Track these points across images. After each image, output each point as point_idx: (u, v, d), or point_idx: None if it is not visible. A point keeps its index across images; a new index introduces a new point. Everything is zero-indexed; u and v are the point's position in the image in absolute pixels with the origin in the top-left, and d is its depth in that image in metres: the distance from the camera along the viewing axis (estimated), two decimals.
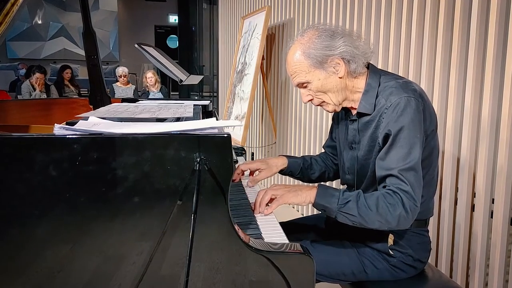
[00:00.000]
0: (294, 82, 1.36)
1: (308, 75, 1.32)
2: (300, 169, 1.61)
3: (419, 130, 1.23)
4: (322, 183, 1.39)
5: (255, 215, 1.34)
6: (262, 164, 1.57)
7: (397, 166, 1.21)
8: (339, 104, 1.37)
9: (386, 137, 1.25)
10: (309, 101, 1.38)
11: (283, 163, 1.60)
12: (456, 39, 1.90)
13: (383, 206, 1.19)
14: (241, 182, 1.66)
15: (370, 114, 1.33)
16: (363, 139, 1.36)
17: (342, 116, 1.49)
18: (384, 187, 1.24)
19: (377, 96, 1.32)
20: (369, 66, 1.37)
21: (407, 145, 1.22)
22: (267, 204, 1.36)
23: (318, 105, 1.39)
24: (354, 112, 1.40)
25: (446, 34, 1.97)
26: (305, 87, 1.35)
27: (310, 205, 1.34)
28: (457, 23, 1.90)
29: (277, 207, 1.34)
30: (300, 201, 1.31)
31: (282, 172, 1.61)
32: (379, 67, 2.40)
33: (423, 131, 1.25)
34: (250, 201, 1.44)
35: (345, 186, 1.55)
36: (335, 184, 2.95)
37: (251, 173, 1.64)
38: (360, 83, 1.35)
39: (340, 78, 1.32)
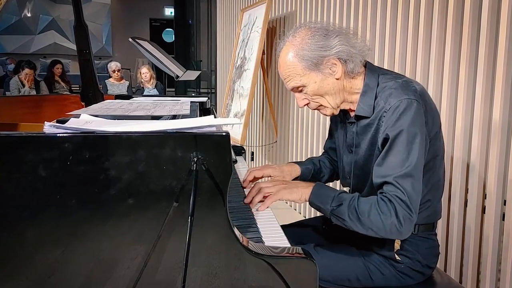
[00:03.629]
0: (288, 86, 1.35)
1: (303, 78, 1.30)
2: (311, 175, 1.62)
3: (419, 134, 1.22)
4: (319, 182, 1.40)
5: (255, 216, 1.34)
6: (275, 171, 1.55)
7: (394, 172, 1.21)
8: (337, 107, 1.36)
9: (385, 141, 1.25)
10: (305, 105, 1.37)
11: (296, 172, 1.59)
12: (466, 37, 1.90)
13: (375, 214, 1.20)
14: (240, 182, 1.65)
15: (369, 117, 1.32)
16: (363, 142, 1.35)
17: (340, 118, 1.48)
18: (382, 193, 1.24)
19: (375, 98, 1.31)
20: (366, 65, 1.36)
21: (405, 150, 1.21)
22: (261, 200, 1.39)
23: (315, 109, 1.38)
24: (352, 114, 1.39)
25: (455, 31, 1.97)
26: (301, 91, 1.34)
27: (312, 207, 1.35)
28: (466, 20, 1.90)
29: (271, 203, 1.36)
30: (295, 198, 1.34)
31: (294, 180, 1.61)
32: (385, 65, 2.40)
33: (424, 134, 1.24)
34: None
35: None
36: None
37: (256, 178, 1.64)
38: (358, 83, 1.34)
39: (337, 79, 1.30)
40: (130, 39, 4.92)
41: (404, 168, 1.20)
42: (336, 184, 2.95)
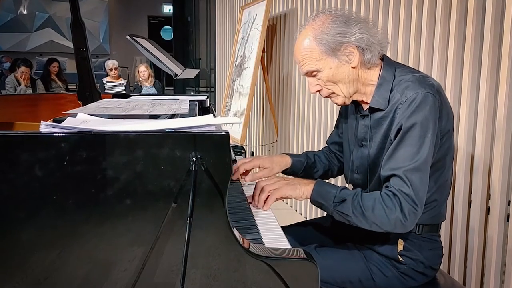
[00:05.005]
0: (302, 70, 1.35)
1: (318, 62, 1.31)
2: (303, 168, 1.62)
3: (432, 128, 1.23)
4: (319, 179, 1.40)
5: (255, 218, 1.34)
6: (265, 162, 1.56)
7: (403, 165, 1.22)
8: (350, 97, 1.37)
9: (398, 132, 1.26)
10: (317, 91, 1.38)
11: (286, 163, 1.60)
12: (470, 30, 1.90)
13: (380, 208, 1.22)
14: (240, 182, 1.65)
15: (383, 110, 1.33)
16: (376, 136, 1.36)
17: (351, 110, 1.48)
18: (387, 187, 1.24)
19: (391, 90, 1.31)
20: (383, 58, 1.37)
21: (417, 143, 1.22)
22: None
23: (326, 97, 1.39)
24: (365, 107, 1.40)
25: (459, 25, 1.97)
26: (314, 75, 1.35)
27: (313, 208, 1.35)
28: (471, 13, 1.90)
29: (274, 201, 1.38)
30: (297, 195, 1.35)
31: (284, 172, 1.61)
32: None
33: (437, 130, 1.25)
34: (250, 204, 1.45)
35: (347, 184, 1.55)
36: (340, 179, 2.94)
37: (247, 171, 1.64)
38: (374, 75, 1.35)
39: (353, 68, 1.32)
40: (128, 37, 4.91)
41: (413, 162, 1.22)
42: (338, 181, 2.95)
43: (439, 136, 1.27)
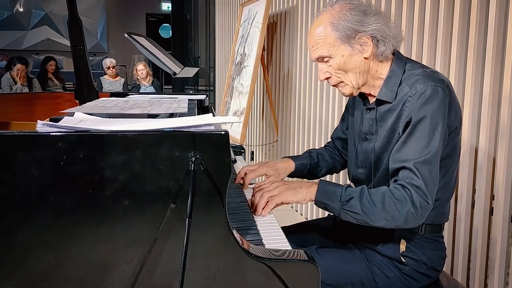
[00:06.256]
0: (314, 55, 1.36)
1: (332, 48, 1.32)
2: (307, 170, 1.62)
3: (441, 122, 1.23)
4: (322, 179, 1.39)
5: (255, 218, 1.34)
6: (270, 169, 1.55)
7: (413, 158, 1.22)
8: (358, 88, 1.38)
9: (407, 125, 1.26)
10: (326, 79, 1.38)
11: (290, 168, 1.60)
12: (474, 24, 1.90)
13: (390, 202, 1.21)
14: (240, 183, 1.65)
15: (390, 103, 1.33)
16: (381, 129, 1.36)
17: (358, 104, 1.49)
18: (396, 181, 1.24)
19: (400, 84, 1.32)
20: (395, 53, 1.38)
21: (427, 136, 1.23)
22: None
23: (334, 85, 1.39)
24: (372, 100, 1.40)
25: (462, 20, 1.97)
26: (326, 62, 1.35)
27: (314, 208, 1.34)
28: (474, 6, 1.90)
29: (274, 207, 1.35)
30: (300, 199, 1.33)
31: (289, 176, 1.61)
32: None
33: (446, 125, 1.26)
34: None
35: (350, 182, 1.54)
36: (342, 176, 2.95)
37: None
38: (384, 69, 1.36)
39: (365, 58, 1.32)
40: (126, 35, 4.92)
41: (424, 155, 1.22)
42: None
43: (446, 132, 1.28)
